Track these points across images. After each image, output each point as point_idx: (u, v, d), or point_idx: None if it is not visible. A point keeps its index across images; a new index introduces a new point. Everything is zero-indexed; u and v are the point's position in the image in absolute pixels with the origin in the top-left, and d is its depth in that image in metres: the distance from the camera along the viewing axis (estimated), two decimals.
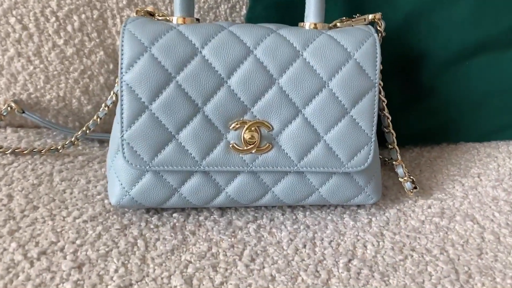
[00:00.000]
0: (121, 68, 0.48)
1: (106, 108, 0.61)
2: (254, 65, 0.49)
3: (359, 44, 0.50)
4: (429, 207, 0.57)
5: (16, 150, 0.60)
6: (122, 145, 0.49)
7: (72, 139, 0.61)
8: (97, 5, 0.65)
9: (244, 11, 0.70)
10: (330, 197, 0.53)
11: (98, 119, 0.61)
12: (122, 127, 0.48)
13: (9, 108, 0.64)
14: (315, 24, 0.52)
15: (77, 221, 0.51)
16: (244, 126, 0.49)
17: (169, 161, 0.49)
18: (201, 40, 0.49)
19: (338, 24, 0.53)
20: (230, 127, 0.50)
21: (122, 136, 0.48)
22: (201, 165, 0.50)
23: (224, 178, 0.51)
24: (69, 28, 0.64)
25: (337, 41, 0.50)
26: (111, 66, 0.68)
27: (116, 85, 0.60)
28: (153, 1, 0.67)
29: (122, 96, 0.48)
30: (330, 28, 0.52)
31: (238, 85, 0.49)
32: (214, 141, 0.50)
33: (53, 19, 0.64)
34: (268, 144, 0.50)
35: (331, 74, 0.49)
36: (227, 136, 0.50)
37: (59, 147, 0.61)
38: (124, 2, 0.65)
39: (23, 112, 0.64)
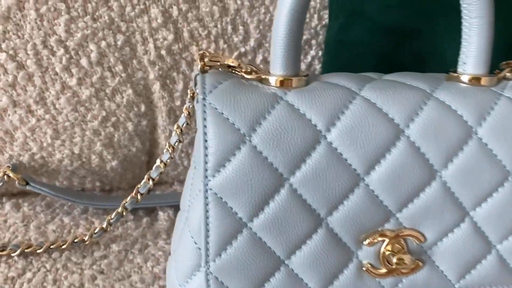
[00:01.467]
0: (206, 170, 0.30)
1: (150, 182, 0.43)
2: (407, 153, 0.32)
3: None
4: None
5: (26, 250, 0.42)
6: (207, 280, 0.32)
7: (104, 226, 0.44)
8: (121, 27, 0.45)
9: (315, 21, 0.52)
10: None
11: (139, 196, 0.44)
12: (207, 255, 0.31)
13: (5, 178, 0.46)
14: (476, 77, 0.35)
15: None
16: (385, 240, 0.33)
17: None
18: (326, 119, 0.31)
19: (508, 75, 0.36)
20: (365, 242, 0.33)
21: (208, 268, 0.32)
22: None
23: None
24: (83, 62, 0.45)
25: None
26: (142, 108, 0.49)
27: (165, 153, 0.42)
28: (198, 16, 0.48)
29: (207, 211, 0.31)
30: (499, 80, 0.35)
31: (381, 183, 0.32)
32: (340, 264, 0.33)
33: (61, 51, 0.44)
34: (417, 261, 0.34)
35: None
36: (359, 254, 0.34)
37: (86, 239, 0.44)
38: (159, 21, 0.46)
39: (27, 184, 0.46)
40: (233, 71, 0.34)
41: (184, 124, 0.40)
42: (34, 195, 0.50)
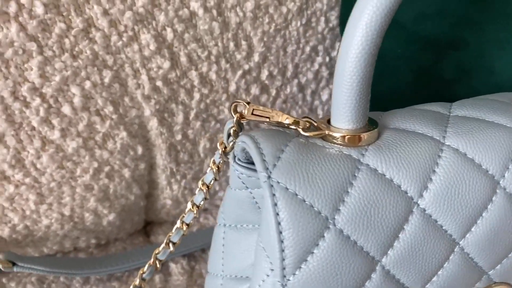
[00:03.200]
0: (283, 269, 0.24)
1: (171, 247, 0.36)
2: (505, 207, 0.27)
3: None
4: None
5: None
6: None
7: None
8: (107, 61, 0.37)
9: (321, 25, 0.46)
10: None
11: (157, 263, 0.37)
12: None
13: None
14: None
15: None
16: None
17: None
18: (418, 183, 0.25)
19: None
20: None
21: None
22: None
23: None
24: (65, 109, 0.36)
25: None
26: (139, 150, 0.41)
27: (188, 214, 0.35)
28: (196, 36, 0.40)
29: None
30: None
31: (477, 244, 0.27)
32: None
33: (37, 101, 0.35)
34: None
35: None
36: None
37: None
38: (152, 47, 0.38)
39: (14, 265, 0.37)
40: (286, 126, 0.28)
41: (212, 181, 0.33)
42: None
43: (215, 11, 0.39)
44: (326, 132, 0.26)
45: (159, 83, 0.40)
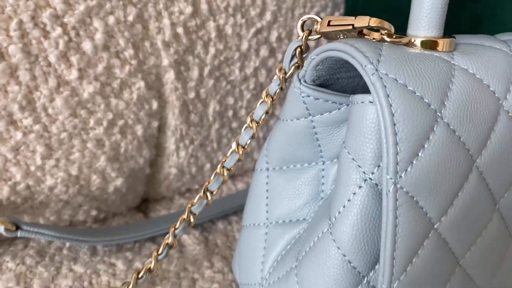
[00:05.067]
0: (397, 164, 0.23)
1: (209, 196, 0.33)
2: None
3: None
4: None
5: None
6: None
7: (152, 265, 0.32)
8: None
9: None
10: None
11: (191, 217, 0.33)
12: (392, 276, 0.24)
13: None
14: None
15: None
16: None
17: None
18: (504, 85, 0.26)
19: None
20: None
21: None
22: None
23: None
24: (86, 45, 0.32)
25: None
26: (154, 105, 0.38)
27: (230, 158, 0.32)
28: None
29: (396, 217, 0.23)
30: None
31: None
32: None
33: (58, 30, 0.31)
34: None
35: None
36: None
37: None
38: None
39: (18, 229, 0.31)
40: (362, 35, 0.27)
41: (263, 116, 0.31)
42: (10, 244, 0.35)
43: None
44: (412, 39, 0.26)
45: (179, 30, 0.37)
